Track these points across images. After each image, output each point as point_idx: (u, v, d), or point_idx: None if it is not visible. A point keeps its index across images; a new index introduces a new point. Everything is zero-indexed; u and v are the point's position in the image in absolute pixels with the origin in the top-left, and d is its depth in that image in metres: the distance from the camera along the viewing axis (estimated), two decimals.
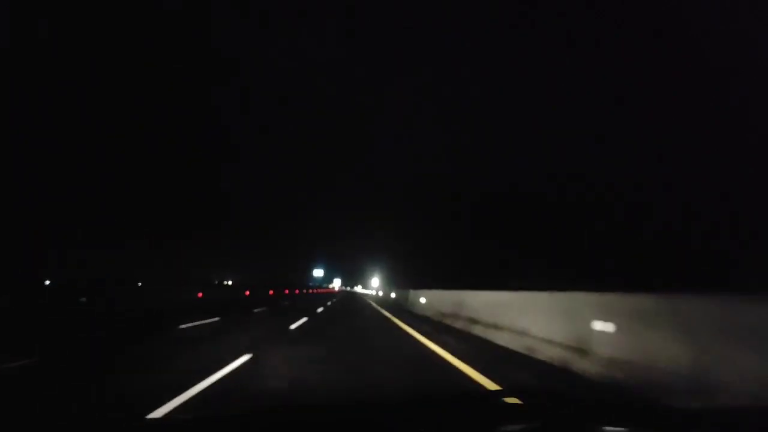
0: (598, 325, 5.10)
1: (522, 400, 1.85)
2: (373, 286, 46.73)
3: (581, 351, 5.29)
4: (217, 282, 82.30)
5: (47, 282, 32.71)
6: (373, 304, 25.56)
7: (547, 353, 6.01)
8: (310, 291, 69.71)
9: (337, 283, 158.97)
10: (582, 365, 5.11)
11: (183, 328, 9.40)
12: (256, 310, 16.18)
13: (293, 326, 10.13)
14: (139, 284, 45.35)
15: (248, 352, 6.08)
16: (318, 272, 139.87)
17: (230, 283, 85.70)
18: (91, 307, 14.04)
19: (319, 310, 17.79)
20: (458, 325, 10.25)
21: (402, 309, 18.70)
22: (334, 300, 32.63)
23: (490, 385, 4.63)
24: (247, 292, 33.87)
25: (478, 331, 8.85)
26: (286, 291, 47.90)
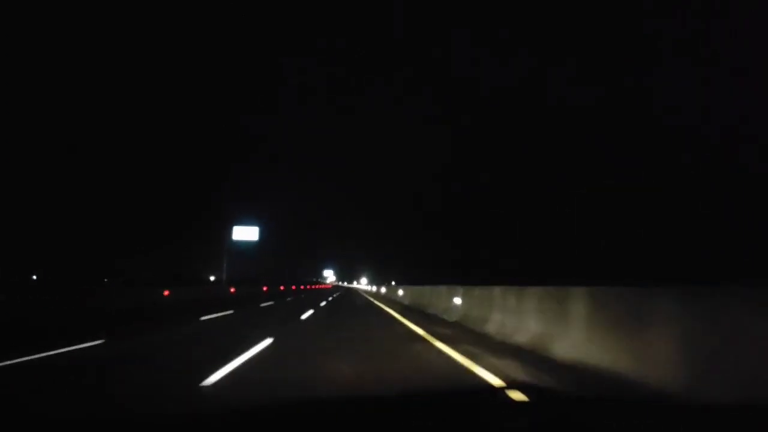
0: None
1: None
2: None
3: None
4: (211, 278, 78.15)
5: None
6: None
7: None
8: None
9: (329, 275, 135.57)
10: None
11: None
12: (203, 318, 11.74)
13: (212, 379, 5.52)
14: (105, 281, 41.95)
15: None
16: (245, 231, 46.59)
17: (224, 278, 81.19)
18: None
19: (304, 316, 13.51)
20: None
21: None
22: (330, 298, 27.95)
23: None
24: (233, 289, 30.06)
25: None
26: (282, 287, 44.05)
